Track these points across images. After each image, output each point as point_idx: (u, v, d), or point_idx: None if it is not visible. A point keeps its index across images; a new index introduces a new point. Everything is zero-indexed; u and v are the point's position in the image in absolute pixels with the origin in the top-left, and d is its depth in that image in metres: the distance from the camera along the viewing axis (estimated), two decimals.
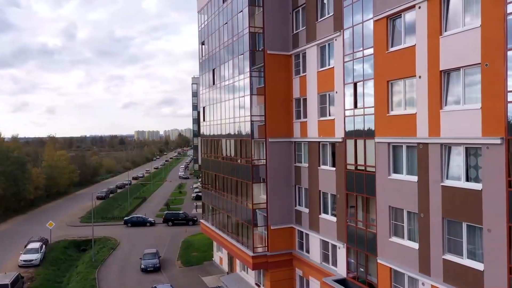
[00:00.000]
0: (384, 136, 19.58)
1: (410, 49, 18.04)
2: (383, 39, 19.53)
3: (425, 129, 17.31)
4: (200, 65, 38.97)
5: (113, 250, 46.04)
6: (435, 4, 16.64)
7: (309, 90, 26.16)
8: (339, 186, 23.43)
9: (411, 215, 18.53)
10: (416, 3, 17.52)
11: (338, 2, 23.06)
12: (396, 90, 19.16)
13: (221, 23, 32.52)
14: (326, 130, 24.67)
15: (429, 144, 17.15)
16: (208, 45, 36.19)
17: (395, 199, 19.15)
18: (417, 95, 17.69)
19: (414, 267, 18.14)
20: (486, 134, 14.69)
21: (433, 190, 17.00)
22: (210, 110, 36.21)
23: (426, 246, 17.45)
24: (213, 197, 36.36)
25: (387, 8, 19.05)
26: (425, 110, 17.29)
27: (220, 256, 38.51)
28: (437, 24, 16.61)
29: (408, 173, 18.59)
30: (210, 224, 37.08)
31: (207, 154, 38.21)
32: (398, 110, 19.04)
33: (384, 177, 19.71)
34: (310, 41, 25.77)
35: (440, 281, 16.77)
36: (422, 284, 17.76)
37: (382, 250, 19.98)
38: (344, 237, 23.02)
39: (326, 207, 25.28)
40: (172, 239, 50.57)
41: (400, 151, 19.02)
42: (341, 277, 23.12)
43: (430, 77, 16.96)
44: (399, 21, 18.86)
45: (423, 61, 17.31)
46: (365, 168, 21.17)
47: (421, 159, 17.57)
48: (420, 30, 17.43)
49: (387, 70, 19.32)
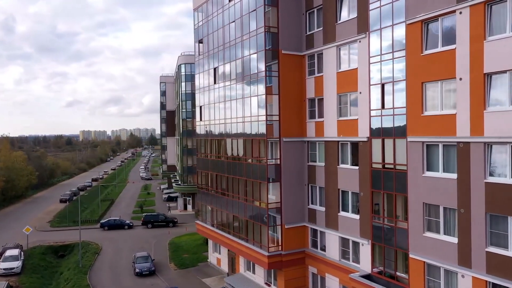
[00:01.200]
0: (418, 136, 20.32)
1: (449, 52, 18.85)
2: (417, 42, 20.26)
3: (466, 129, 18.17)
4: (196, 63, 38.28)
5: (97, 254, 44.07)
6: (479, 10, 17.53)
7: (327, 90, 26.55)
8: (363, 184, 23.99)
9: (447, 211, 19.38)
10: (457, 8, 18.36)
11: (362, 5, 23.60)
12: (431, 91, 19.94)
13: (226, 22, 32.16)
14: (346, 130, 25.16)
15: (471, 143, 18.03)
16: (207, 43, 35.65)
17: (430, 196, 19.93)
18: (457, 96, 18.52)
19: (452, 260, 18.98)
20: None
21: (475, 187, 17.89)
22: (210, 109, 35.69)
23: (467, 240, 18.33)
24: (213, 197, 35.86)
25: (422, 12, 19.80)
26: (466, 110, 18.14)
27: (217, 257, 38.05)
28: (481, 29, 17.50)
29: (444, 170, 19.42)
30: (209, 225, 36.54)
31: (204, 154, 37.64)
32: (433, 110, 19.82)
33: (417, 175, 20.44)
34: (329, 42, 26.16)
35: (483, 273, 17.69)
36: (461, 276, 18.63)
37: (415, 245, 20.72)
38: (369, 234, 23.60)
39: (346, 205, 25.79)
40: (157, 241, 49.26)
41: (435, 150, 19.82)
42: (366, 273, 23.69)
43: (473, 80, 17.83)
44: (435, 25, 19.65)
45: (464, 64, 18.16)
46: (394, 167, 21.85)
47: (462, 157, 18.42)
48: (461, 34, 18.27)
49: (421, 72, 20.06)
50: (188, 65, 67.50)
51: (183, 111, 68.45)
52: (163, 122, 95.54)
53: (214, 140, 35.48)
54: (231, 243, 32.55)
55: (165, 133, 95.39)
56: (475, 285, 18.05)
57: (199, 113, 38.13)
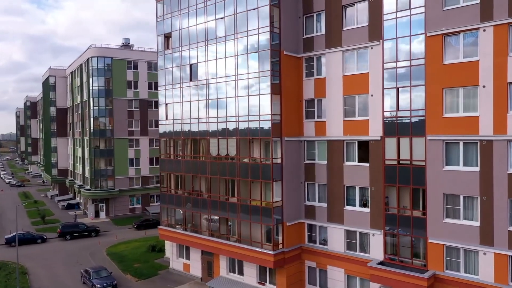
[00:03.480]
0: (438, 134, 23.17)
1: (472, 63, 22.01)
2: (437, 53, 23.08)
3: (489, 129, 21.50)
4: (161, 58, 35.81)
5: (27, 275, 37.63)
6: (503, 29, 20.98)
7: (330, 92, 27.93)
8: (374, 180, 26.04)
9: (467, 199, 22.58)
10: (480, 26, 21.61)
11: (374, 15, 25.64)
12: (450, 96, 22.93)
13: (211, 17, 31.10)
14: (355, 129, 26.93)
15: (494, 140, 21.43)
16: (180, 38, 33.77)
17: (450, 187, 22.91)
18: (480, 101, 21.79)
19: (474, 240, 22.21)
20: None
21: (498, 178, 21.32)
22: (184, 107, 33.89)
23: (489, 222, 21.70)
24: (187, 200, 34.09)
25: (444, 27, 22.70)
26: (489, 113, 21.48)
27: (184, 263, 36.25)
28: (505, 45, 20.98)
29: (465, 164, 22.58)
30: (181, 230, 34.63)
31: (173, 155, 35.50)
32: (453, 113, 22.85)
33: (437, 169, 23.27)
34: (333, 46, 27.60)
35: (506, 249, 21.22)
36: (483, 254, 21.96)
37: (434, 231, 23.53)
38: (381, 225, 25.76)
39: (351, 200, 27.54)
40: (91, 252, 44.20)
41: (455, 147, 22.87)
42: (378, 260, 25.79)
43: (497, 87, 21.24)
44: (455, 39, 22.69)
45: (488, 74, 21.47)
46: (410, 162, 24.39)
47: (485, 153, 21.73)
48: (485, 48, 21.56)
49: (442, 79, 22.93)
50: (101, 59, 61.82)
51: (95, 109, 62.36)
52: (53, 120, 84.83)
53: (188, 140, 33.79)
54: (217, 246, 31.54)
55: (55, 133, 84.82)
56: (498, 260, 21.50)
57: (165, 111, 35.76)
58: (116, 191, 62.72)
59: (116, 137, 62.90)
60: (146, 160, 65.66)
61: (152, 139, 66.13)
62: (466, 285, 22.48)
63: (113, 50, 63.52)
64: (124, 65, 63.67)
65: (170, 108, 35.11)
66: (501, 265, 21.44)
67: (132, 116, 64.41)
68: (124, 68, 63.64)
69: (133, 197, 64.82)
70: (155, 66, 65.80)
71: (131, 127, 64.42)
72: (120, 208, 63.64)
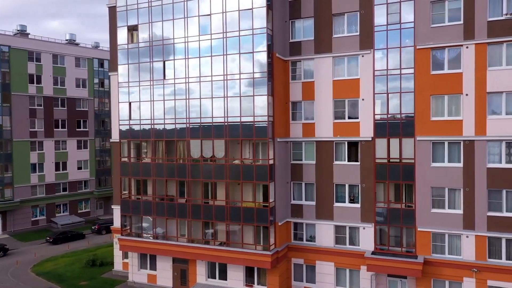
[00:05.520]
0: (426, 135, 26.48)
1: (456, 75, 25.77)
2: (425, 64, 26.39)
3: (471, 130, 25.47)
4: (121, 53, 32.56)
5: None
6: (483, 47, 25.12)
7: (320, 96, 29.32)
8: (365, 177, 28.28)
9: (452, 191, 26.28)
10: (463, 44, 25.47)
11: (365, 25, 27.90)
12: (437, 102, 26.41)
13: (194, 13, 29.74)
14: (345, 131, 28.78)
15: (475, 140, 25.46)
16: (150, 32, 31.31)
17: (436, 181, 26.38)
18: (464, 107, 25.64)
19: (457, 226, 25.99)
20: None
21: (479, 171, 25.41)
22: (154, 107, 31.50)
23: (471, 209, 25.67)
24: (159, 206, 31.70)
25: (432, 42, 26.11)
26: (471, 117, 25.45)
27: (148, 274, 33.62)
28: (484, 61, 25.12)
29: (450, 161, 26.25)
30: (151, 238, 32.08)
31: (138, 158, 32.64)
32: (439, 116, 26.36)
33: (425, 165, 26.55)
34: (323, 52, 29.05)
35: (485, 231, 25.40)
36: (466, 236, 25.88)
37: (422, 220, 26.76)
38: (372, 218, 28.12)
39: (341, 197, 29.31)
40: (13, 275, 37.56)
41: (441, 146, 26.41)
42: (369, 251, 28.12)
43: (478, 96, 25.30)
44: (441, 52, 26.24)
45: (470, 84, 25.41)
46: (400, 160, 27.29)
47: (467, 151, 25.63)
48: (467, 62, 25.47)
49: (430, 87, 26.30)
50: None
51: None
52: None
53: (162, 142, 31.56)
54: (195, 251, 30.21)
55: None
56: (478, 241, 25.59)
57: (128, 111, 32.65)
58: (16, 201, 54.03)
59: (16, 139, 54.26)
60: (52, 165, 58.04)
61: (58, 141, 58.78)
62: (450, 264, 26.16)
63: (10, 38, 54.68)
64: (25, 56, 55.35)
65: (136, 107, 32.27)
66: (481, 245, 25.58)
67: (34, 115, 56.31)
68: (25, 59, 55.32)
69: (36, 208, 56.63)
70: (61, 60, 58.94)
71: (33, 127, 56.24)
72: (21, 221, 54.99)
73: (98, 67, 63.36)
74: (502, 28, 24.71)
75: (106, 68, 63.83)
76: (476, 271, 25.44)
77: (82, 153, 61.70)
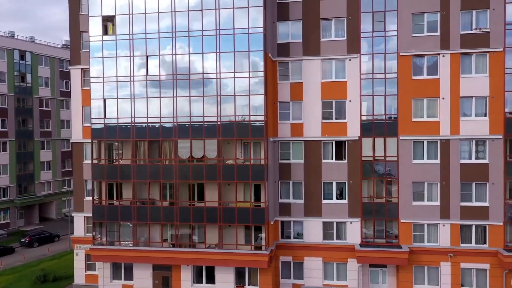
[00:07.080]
0: (408, 135, 29.02)
1: (434, 80, 28.71)
2: (407, 69, 28.94)
3: (447, 130, 28.58)
4: (93, 45, 29.63)
5: None
6: (456, 57, 28.40)
7: (308, 96, 30.17)
8: (352, 175, 29.86)
9: (430, 185, 29.13)
10: (440, 53, 28.51)
11: (352, 31, 29.53)
12: (417, 104, 29.07)
13: (183, 7, 28.48)
14: (333, 131, 30.03)
15: (450, 139, 28.62)
16: (130, 24, 29.12)
17: (417, 176, 29.04)
18: (441, 109, 28.66)
19: (435, 216, 28.92)
20: (492, 132, 28.14)
21: (453, 167, 28.61)
22: (134, 104, 29.38)
23: (447, 201, 28.76)
24: (140, 211, 29.55)
25: (413, 50, 28.76)
26: (447, 118, 28.57)
27: (124, 285, 31.10)
28: (458, 69, 28.42)
29: (428, 158, 29.08)
30: (130, 245, 29.75)
31: (115, 160, 30.07)
32: (419, 118, 29.04)
33: (407, 162, 29.07)
34: (311, 55, 29.98)
35: (458, 219, 28.68)
36: (443, 225, 28.92)
37: (404, 213, 29.22)
38: (358, 213, 29.82)
39: (328, 194, 30.46)
40: None
41: (421, 144, 29.13)
42: (357, 244, 29.77)
43: (452, 99, 28.50)
44: (420, 60, 28.99)
45: (446, 89, 28.51)
46: (385, 158, 29.46)
47: (444, 149, 28.69)
48: (443, 69, 28.54)
49: (411, 91, 28.88)
50: None
51: None
52: None
53: (143, 142, 29.54)
54: (181, 256, 28.95)
55: None
56: (453, 229, 28.78)
57: (103, 108, 29.87)
58: None
59: None
60: None
61: None
62: (429, 251, 28.99)
63: None
64: None
65: (113, 104, 29.75)
66: (455, 232, 28.81)
67: None
68: None
69: None
70: None
71: None
72: None
73: (18, 59, 56.44)
74: (472, 40, 28.22)
75: (28, 61, 57.25)
76: (452, 256, 28.58)
77: (0, 157, 54.36)
